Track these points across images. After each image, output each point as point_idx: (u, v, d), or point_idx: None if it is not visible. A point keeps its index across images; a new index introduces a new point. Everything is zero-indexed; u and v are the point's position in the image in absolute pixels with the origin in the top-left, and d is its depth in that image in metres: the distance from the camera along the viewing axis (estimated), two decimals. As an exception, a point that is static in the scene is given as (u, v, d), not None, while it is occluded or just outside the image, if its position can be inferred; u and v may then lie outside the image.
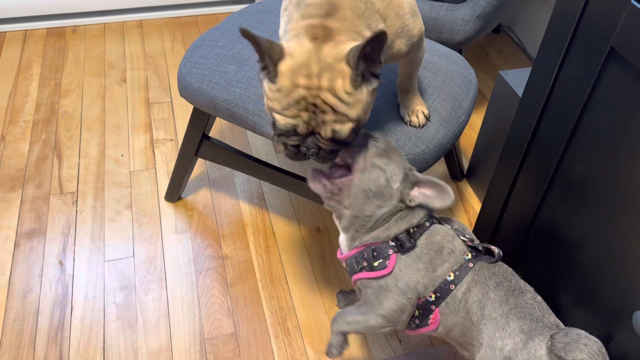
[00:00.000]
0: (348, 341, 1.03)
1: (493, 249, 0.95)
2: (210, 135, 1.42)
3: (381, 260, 0.93)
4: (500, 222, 1.12)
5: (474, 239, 0.98)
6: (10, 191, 1.60)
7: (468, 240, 0.96)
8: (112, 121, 1.85)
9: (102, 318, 1.31)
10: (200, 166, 1.70)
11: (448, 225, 0.98)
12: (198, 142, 1.40)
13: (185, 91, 1.25)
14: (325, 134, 0.86)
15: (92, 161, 1.70)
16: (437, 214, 1.01)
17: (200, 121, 1.36)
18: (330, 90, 0.82)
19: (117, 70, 2.06)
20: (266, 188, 1.64)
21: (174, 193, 1.57)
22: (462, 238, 0.96)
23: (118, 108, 1.90)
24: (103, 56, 2.13)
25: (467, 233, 0.99)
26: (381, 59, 0.83)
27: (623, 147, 0.79)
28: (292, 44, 0.84)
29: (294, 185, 1.32)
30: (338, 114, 0.84)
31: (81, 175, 1.66)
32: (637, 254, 0.80)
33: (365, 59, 0.81)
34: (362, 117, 0.87)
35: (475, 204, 1.64)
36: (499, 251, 0.94)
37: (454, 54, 1.30)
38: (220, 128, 1.84)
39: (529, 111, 0.95)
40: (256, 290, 1.39)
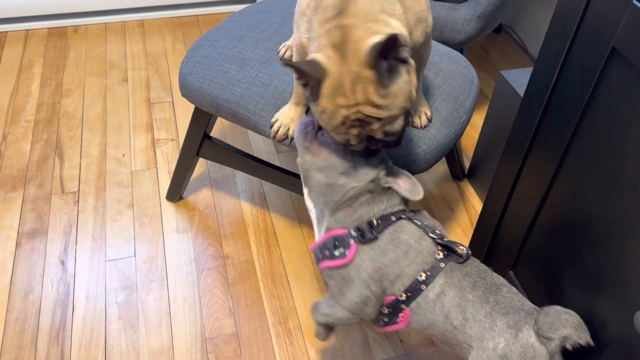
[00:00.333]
0: (332, 327, 1.06)
1: (461, 250, 0.94)
2: (211, 135, 1.42)
3: (342, 249, 0.93)
4: (501, 222, 1.12)
5: (445, 236, 0.97)
6: (11, 191, 1.60)
7: (438, 237, 0.95)
8: (114, 121, 1.85)
9: (104, 318, 1.31)
10: (201, 166, 1.70)
11: (418, 221, 0.96)
12: (199, 142, 1.40)
13: (186, 91, 1.25)
14: (379, 137, 0.87)
15: (94, 161, 1.71)
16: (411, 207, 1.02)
17: (201, 121, 1.36)
18: (367, 102, 0.82)
19: (119, 70, 2.06)
20: (267, 188, 1.64)
21: (175, 193, 1.57)
22: (432, 236, 0.95)
23: (119, 108, 1.90)
24: (104, 56, 2.13)
25: (438, 229, 0.98)
26: (403, 51, 0.81)
27: (625, 147, 0.79)
28: (324, 59, 0.81)
29: (295, 185, 1.32)
30: (383, 120, 0.84)
31: (82, 175, 1.66)
32: (639, 254, 0.80)
33: (385, 55, 0.79)
34: (409, 104, 0.87)
35: (476, 204, 1.64)
36: (467, 251, 0.94)
37: (455, 54, 1.30)
38: (221, 128, 1.84)
39: (531, 111, 0.95)
40: (257, 289, 1.39)
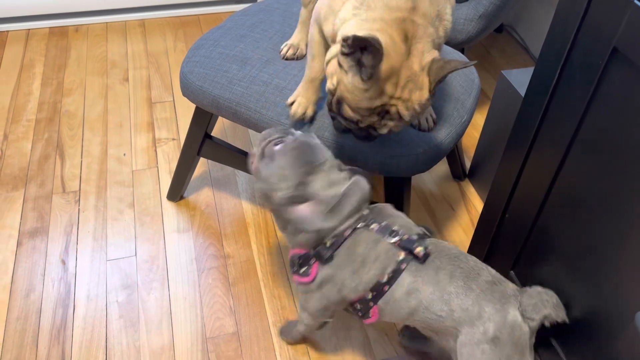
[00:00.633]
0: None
1: (417, 252, 0.93)
2: (212, 134, 1.42)
3: (306, 267, 0.99)
4: (502, 222, 1.12)
5: (404, 233, 0.96)
6: (13, 190, 1.60)
7: (397, 238, 0.94)
8: (115, 120, 1.85)
9: (105, 317, 1.32)
10: (202, 165, 1.70)
11: (376, 223, 0.96)
12: (200, 141, 1.40)
13: (187, 90, 1.25)
14: (380, 132, 0.89)
15: (95, 160, 1.71)
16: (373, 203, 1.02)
17: (202, 120, 1.37)
18: (407, 101, 0.84)
19: (120, 69, 2.06)
20: (268, 187, 1.64)
21: (176, 192, 1.57)
22: (391, 240, 0.94)
23: (120, 107, 1.90)
24: (105, 55, 2.13)
25: (397, 225, 0.97)
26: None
27: (626, 147, 0.79)
28: (387, 41, 0.80)
29: (296, 184, 1.32)
30: (402, 121, 0.87)
31: (84, 174, 1.66)
32: (640, 254, 0.80)
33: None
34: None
35: (477, 204, 1.63)
36: (424, 252, 0.93)
37: (457, 54, 1.30)
38: (222, 127, 1.84)
39: (532, 111, 0.95)
40: (258, 289, 1.39)
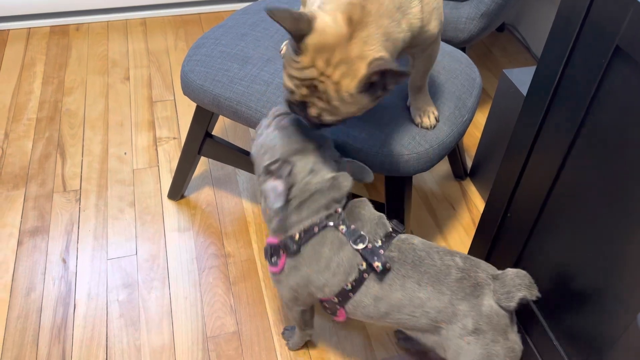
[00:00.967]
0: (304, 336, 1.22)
1: (375, 266, 0.91)
2: (213, 133, 1.42)
3: (275, 258, 1.01)
4: (504, 222, 1.12)
5: (370, 244, 0.94)
6: (13, 189, 1.60)
7: (362, 246, 0.93)
8: (115, 119, 1.85)
9: (105, 316, 1.31)
10: (203, 164, 1.70)
11: (344, 226, 0.94)
12: (201, 141, 1.40)
13: (188, 89, 1.25)
14: (310, 113, 0.89)
15: (96, 159, 1.71)
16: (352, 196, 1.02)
17: (203, 119, 1.36)
18: (336, 84, 0.83)
19: (121, 68, 2.06)
20: (269, 186, 1.64)
21: (177, 191, 1.57)
22: (355, 247, 0.93)
23: (121, 106, 1.90)
24: (106, 54, 2.13)
25: (366, 232, 0.95)
26: (398, 80, 0.84)
27: (629, 146, 0.79)
28: (328, 20, 0.82)
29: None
30: (330, 105, 0.86)
31: (84, 173, 1.66)
32: (642, 254, 0.80)
33: (382, 75, 0.82)
34: (354, 114, 0.90)
35: (478, 203, 1.63)
36: (382, 267, 0.91)
37: (458, 53, 1.30)
38: (223, 126, 1.84)
39: (534, 110, 0.95)
40: (259, 288, 1.39)
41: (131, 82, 2.00)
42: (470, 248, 1.26)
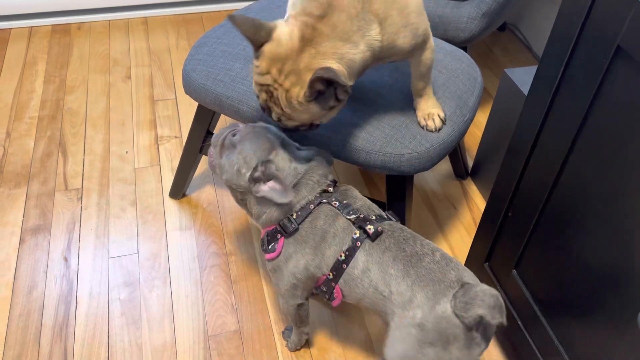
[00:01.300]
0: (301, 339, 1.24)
1: (368, 229, 0.96)
2: (214, 132, 1.42)
3: (273, 243, 1.03)
4: (505, 221, 1.12)
5: (361, 213, 1.00)
6: (15, 187, 1.61)
7: (354, 217, 0.99)
8: (117, 118, 1.85)
9: (107, 314, 1.32)
10: (204, 163, 1.70)
11: (337, 201, 1.01)
12: (202, 139, 1.40)
13: (190, 88, 1.25)
14: (273, 117, 0.96)
15: (97, 158, 1.71)
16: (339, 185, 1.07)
17: (204, 118, 1.37)
18: (287, 92, 0.90)
19: (122, 67, 2.06)
20: (270, 185, 1.64)
21: (178, 190, 1.57)
22: (348, 217, 0.99)
23: (123, 105, 1.90)
24: (108, 53, 2.13)
25: (358, 203, 1.02)
26: (347, 88, 0.90)
27: (630, 146, 0.79)
28: (285, 32, 0.89)
29: (298, 182, 1.32)
30: (284, 112, 0.93)
31: (86, 171, 1.66)
32: (643, 254, 0.80)
33: (328, 84, 0.88)
34: (312, 121, 0.97)
35: (479, 203, 1.63)
36: (374, 230, 0.96)
37: (460, 52, 1.30)
38: (224, 125, 1.84)
39: (535, 110, 0.95)
40: (260, 287, 1.39)
41: (133, 81, 2.00)
42: (471, 247, 1.27)
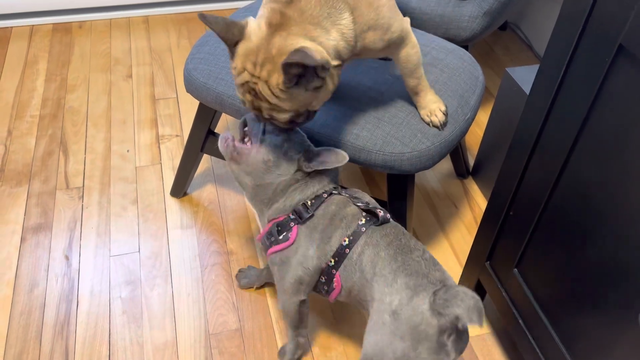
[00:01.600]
0: (301, 346, 1.21)
1: (379, 212, 1.00)
2: (215, 131, 1.42)
3: (285, 233, 1.02)
4: (506, 220, 1.12)
5: (371, 203, 1.05)
6: (16, 186, 1.61)
7: (364, 205, 1.02)
8: (118, 117, 1.85)
9: (108, 313, 1.32)
10: (205, 162, 1.70)
11: (347, 193, 1.05)
12: (204, 138, 1.40)
13: (191, 87, 1.25)
14: (264, 116, 0.93)
15: (98, 156, 1.71)
16: (343, 185, 1.10)
17: (205, 117, 1.37)
18: (266, 82, 0.87)
19: (123, 65, 2.06)
20: (271, 184, 1.64)
21: (180, 189, 1.58)
22: (358, 204, 1.02)
23: (124, 104, 1.90)
24: (109, 52, 2.13)
25: (367, 199, 1.07)
26: (325, 64, 0.85)
27: (631, 145, 0.79)
28: (254, 26, 0.88)
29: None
30: (271, 104, 0.90)
31: (87, 170, 1.67)
32: (644, 253, 0.80)
33: (305, 65, 0.83)
34: (303, 109, 0.93)
35: (480, 202, 1.63)
36: (383, 214, 1.00)
37: (461, 51, 1.30)
38: (225, 124, 1.84)
39: (536, 109, 0.95)
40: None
41: (134, 80, 2.00)
42: (472, 246, 1.27)
